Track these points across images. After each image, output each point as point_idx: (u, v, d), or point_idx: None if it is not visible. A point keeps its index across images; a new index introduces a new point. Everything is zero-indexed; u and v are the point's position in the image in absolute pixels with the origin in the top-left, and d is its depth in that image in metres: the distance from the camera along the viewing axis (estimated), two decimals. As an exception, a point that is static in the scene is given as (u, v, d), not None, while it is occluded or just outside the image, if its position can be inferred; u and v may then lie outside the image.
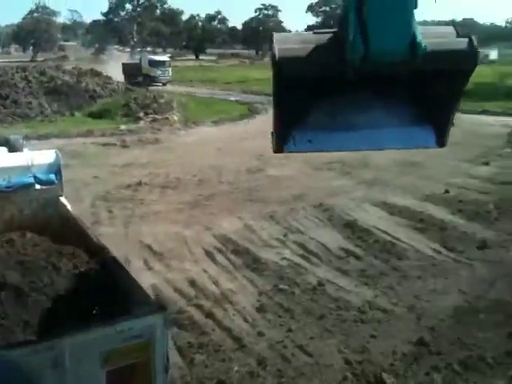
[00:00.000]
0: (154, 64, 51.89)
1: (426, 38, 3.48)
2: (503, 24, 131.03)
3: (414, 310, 7.44)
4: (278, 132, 4.07)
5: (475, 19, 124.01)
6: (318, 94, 3.89)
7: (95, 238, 5.01)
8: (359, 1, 3.45)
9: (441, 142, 4.08)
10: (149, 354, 3.63)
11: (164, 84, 50.81)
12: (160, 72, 51.56)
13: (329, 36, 3.71)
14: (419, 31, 3.47)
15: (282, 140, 4.10)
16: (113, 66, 54.60)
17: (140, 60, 54.07)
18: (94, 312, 4.06)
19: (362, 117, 4.03)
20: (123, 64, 55.09)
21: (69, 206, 6.18)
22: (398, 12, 3.46)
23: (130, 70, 51.98)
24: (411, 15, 3.47)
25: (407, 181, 14.55)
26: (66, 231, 5.61)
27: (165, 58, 57.58)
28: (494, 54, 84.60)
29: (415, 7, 3.47)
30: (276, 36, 3.68)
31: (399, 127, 4.05)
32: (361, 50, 3.41)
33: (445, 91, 3.84)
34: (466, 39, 3.61)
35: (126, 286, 4.10)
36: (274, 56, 3.58)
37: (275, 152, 4.14)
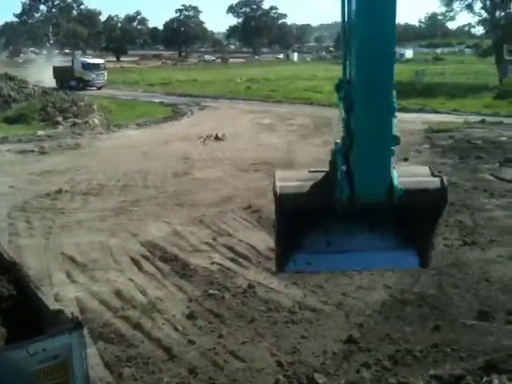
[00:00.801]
0: (88, 67, 49.97)
1: (404, 177, 4.17)
2: (417, 23, 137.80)
3: (342, 308, 7.52)
4: (280, 255, 4.70)
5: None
6: (314, 223, 4.56)
7: (6, 254, 4.65)
8: (346, 148, 4.17)
9: (424, 263, 4.83)
10: (67, 375, 3.40)
11: (99, 88, 48.99)
12: (95, 75, 49.73)
13: (322, 175, 4.45)
14: (395, 176, 4.11)
15: (283, 261, 4.70)
16: (40, 70, 52.43)
17: (72, 63, 51.90)
18: (5, 333, 3.75)
19: (353, 242, 4.67)
20: (54, 67, 52.96)
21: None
22: (378, 162, 4.10)
23: (62, 74, 50.22)
24: (389, 165, 4.12)
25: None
26: (-25, 247, 5.18)
27: (99, 60, 55.48)
28: (409, 53, 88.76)
29: (392, 155, 4.12)
30: (277, 174, 4.44)
31: (386, 251, 4.69)
32: (347, 192, 4.03)
33: (422, 222, 4.50)
34: (439, 179, 4.31)
35: (39, 304, 3.82)
36: (275, 192, 4.28)
37: (277, 272, 4.95)
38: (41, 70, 53.33)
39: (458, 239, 10.16)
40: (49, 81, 48.11)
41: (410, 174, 4.48)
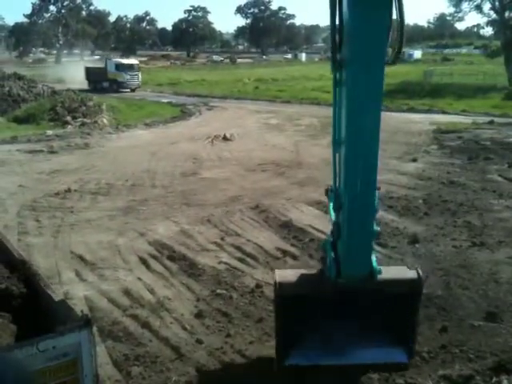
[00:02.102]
0: (122, 68, 47.88)
1: (387, 273, 5.29)
2: (425, 24, 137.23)
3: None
4: (280, 350, 5.52)
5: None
6: (309, 314, 5.42)
7: (16, 252, 4.70)
8: (334, 239, 5.30)
9: (410, 356, 5.72)
10: (76, 372, 3.44)
11: (133, 90, 47.18)
12: (129, 77, 47.67)
13: (316, 271, 5.88)
14: (375, 260, 5.19)
15: (283, 356, 5.53)
16: (72, 71, 51.00)
17: (105, 63, 49.91)
18: (16, 330, 3.79)
19: (345, 340, 5.51)
20: (87, 68, 51.38)
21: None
22: (361, 251, 5.08)
23: (95, 75, 48.85)
24: (370, 252, 5.13)
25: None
26: (-15, 245, 5.23)
27: (133, 60, 53.49)
28: (417, 54, 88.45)
29: (373, 238, 5.22)
30: (277, 271, 5.71)
31: (377, 348, 5.57)
32: (334, 273, 5.14)
33: (403, 312, 5.39)
34: (415, 271, 5.44)
35: (49, 302, 3.85)
36: (275, 282, 5.40)
37: (277, 366, 5.58)
38: (72, 70, 51.61)
39: (466, 240, 10.12)
40: (80, 82, 47.35)
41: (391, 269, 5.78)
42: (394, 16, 4.37)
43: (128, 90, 46.61)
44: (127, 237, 10.56)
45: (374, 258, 5.19)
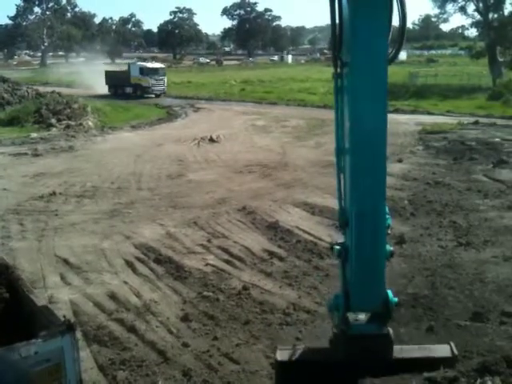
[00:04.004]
0: (147, 72, 44.09)
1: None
2: (410, 26, 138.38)
3: (337, 309, 7.50)
4: None
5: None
6: None
7: (-2, 257, 4.63)
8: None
9: None
10: (60, 378, 3.39)
11: (158, 96, 43.81)
12: (154, 81, 44.14)
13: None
14: (390, 293, 4.73)
15: None
16: (91, 75, 47.39)
17: (128, 67, 45.98)
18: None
19: None
20: (107, 72, 47.72)
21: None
22: (371, 275, 4.61)
23: (116, 80, 45.63)
24: (383, 276, 4.68)
25: (324, 181, 14.63)
26: (-33, 250, 5.16)
27: (159, 64, 49.82)
28: (403, 55, 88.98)
29: (386, 260, 4.72)
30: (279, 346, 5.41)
31: None
32: (342, 307, 4.68)
33: None
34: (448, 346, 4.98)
35: (31, 307, 3.79)
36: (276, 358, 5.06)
37: None
38: (92, 75, 47.95)
39: (452, 240, 10.18)
40: (101, 87, 45.19)
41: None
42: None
43: (153, 96, 43.60)
44: (113, 240, 10.47)
45: (389, 292, 4.75)
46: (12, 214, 12.09)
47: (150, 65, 47.59)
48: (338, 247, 4.77)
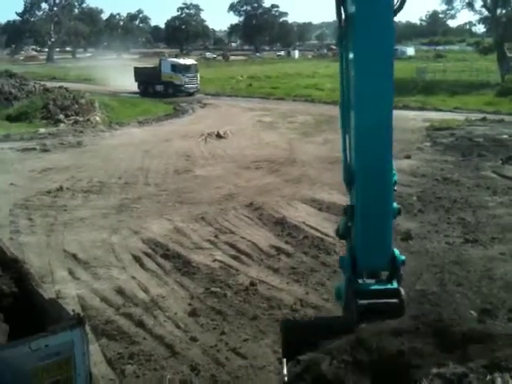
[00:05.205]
0: (179, 69, 41.04)
1: None
2: (418, 22, 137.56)
3: (345, 305, 7.50)
4: None
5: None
6: None
7: (8, 251, 4.65)
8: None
9: None
10: (69, 371, 3.41)
11: (191, 94, 40.53)
12: (187, 79, 40.94)
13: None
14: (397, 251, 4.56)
15: None
16: (121, 72, 44.93)
17: (159, 64, 43.01)
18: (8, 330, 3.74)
19: None
20: (136, 69, 44.38)
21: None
22: (378, 233, 4.41)
23: (146, 77, 42.66)
24: (390, 234, 4.51)
25: (332, 177, 14.48)
26: (-23, 244, 5.18)
27: (191, 61, 46.57)
28: (410, 51, 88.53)
29: (393, 218, 4.53)
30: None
31: None
32: (349, 268, 4.54)
33: None
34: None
35: (40, 301, 3.81)
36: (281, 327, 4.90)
37: None
38: (121, 72, 45.46)
39: (460, 237, 10.13)
40: (132, 85, 42.71)
41: None
42: None
43: (184, 94, 40.28)
44: (121, 235, 10.51)
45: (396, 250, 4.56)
46: (20, 209, 12.16)
47: (182, 61, 44.78)
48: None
